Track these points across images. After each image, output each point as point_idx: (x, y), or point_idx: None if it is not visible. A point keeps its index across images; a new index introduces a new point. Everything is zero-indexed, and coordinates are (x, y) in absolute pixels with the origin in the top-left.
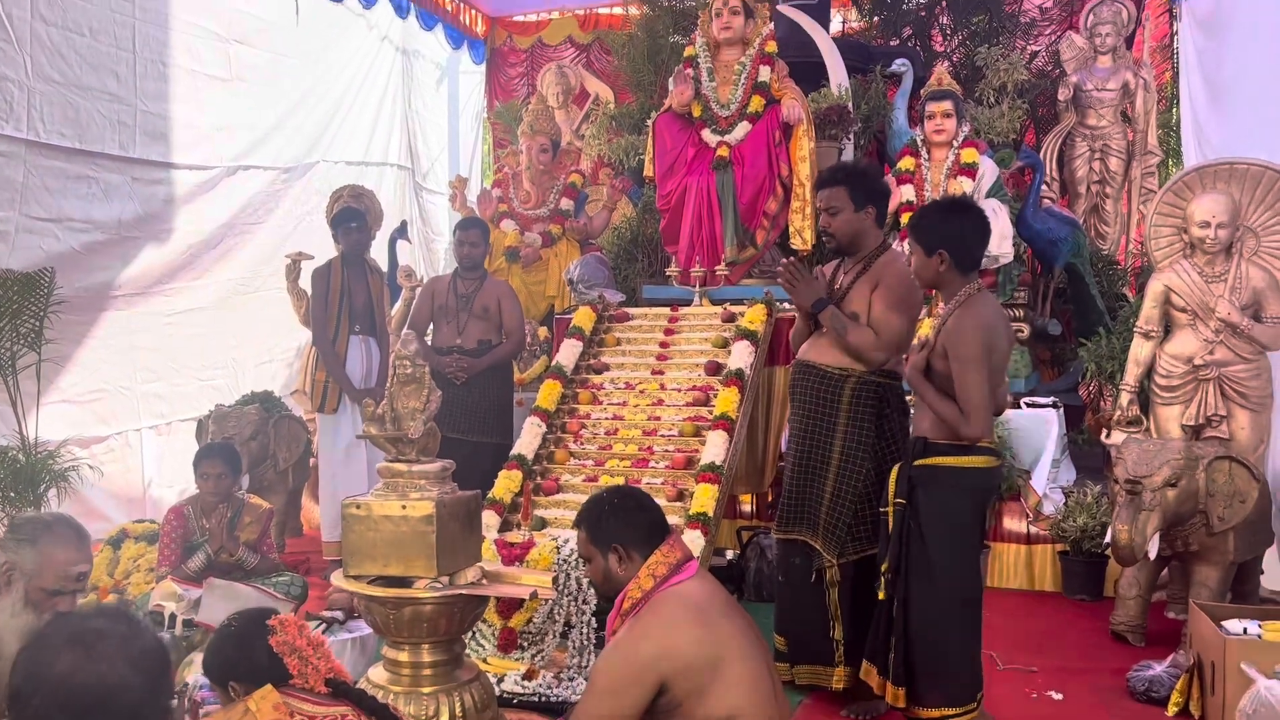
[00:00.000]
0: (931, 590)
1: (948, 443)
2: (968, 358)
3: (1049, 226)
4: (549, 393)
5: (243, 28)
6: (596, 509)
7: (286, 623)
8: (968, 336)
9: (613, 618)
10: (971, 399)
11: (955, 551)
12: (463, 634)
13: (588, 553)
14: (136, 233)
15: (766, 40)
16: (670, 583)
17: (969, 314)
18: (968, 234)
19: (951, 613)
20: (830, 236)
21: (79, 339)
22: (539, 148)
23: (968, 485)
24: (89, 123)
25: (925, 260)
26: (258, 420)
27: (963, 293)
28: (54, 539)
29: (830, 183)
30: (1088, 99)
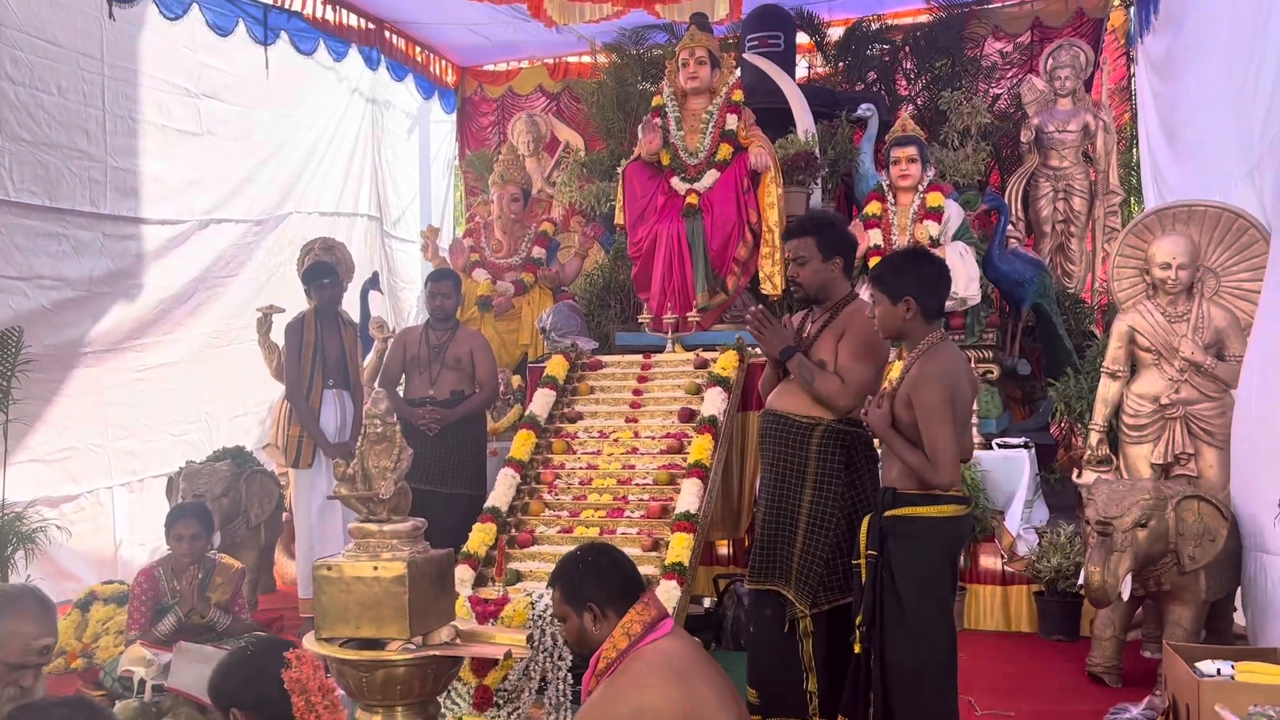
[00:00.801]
0: (907, 642)
1: (917, 493)
2: (932, 406)
3: (1015, 268)
4: (523, 443)
5: (213, 82)
6: (570, 568)
7: (304, 659)
8: (932, 385)
9: (588, 677)
10: (939, 447)
11: (929, 602)
12: (437, 695)
13: (562, 612)
14: (107, 289)
15: (733, 89)
16: (645, 641)
17: (932, 362)
18: (932, 282)
19: (928, 663)
20: (798, 286)
21: (48, 397)
22: (510, 197)
23: (938, 535)
24: (59, 180)
25: (891, 309)
26: (229, 476)
27: (925, 341)
28: (17, 612)
29: (798, 233)
30: (1050, 140)
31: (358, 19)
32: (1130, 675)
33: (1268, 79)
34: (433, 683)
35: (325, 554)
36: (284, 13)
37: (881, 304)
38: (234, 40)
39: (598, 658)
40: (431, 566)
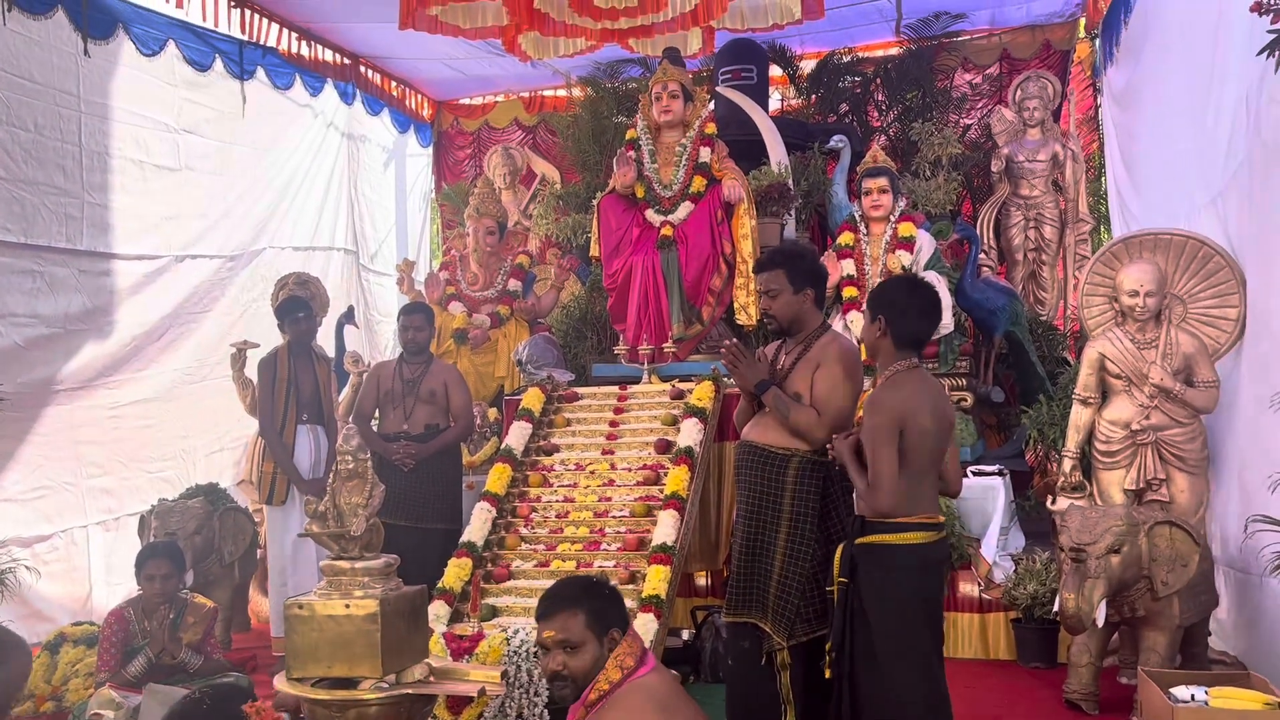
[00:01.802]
0: (875, 669)
1: (884, 520)
2: (874, 429)
3: (987, 296)
4: (499, 476)
5: (193, 117)
6: (600, 589)
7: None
8: (877, 410)
9: (577, 708)
10: (877, 471)
11: (899, 629)
12: None
13: (582, 638)
14: (81, 325)
15: (706, 122)
16: (636, 675)
17: (887, 390)
18: (905, 309)
19: (899, 692)
20: (771, 318)
21: (21, 436)
22: (485, 230)
23: (905, 563)
24: (35, 216)
25: (868, 325)
26: (202, 514)
27: (891, 369)
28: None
29: (769, 265)
30: (1020, 170)
31: (333, 54)
32: (1107, 702)
33: (1228, 108)
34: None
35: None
36: (259, 48)
37: (865, 318)
38: (212, 75)
39: (590, 689)
40: (404, 604)
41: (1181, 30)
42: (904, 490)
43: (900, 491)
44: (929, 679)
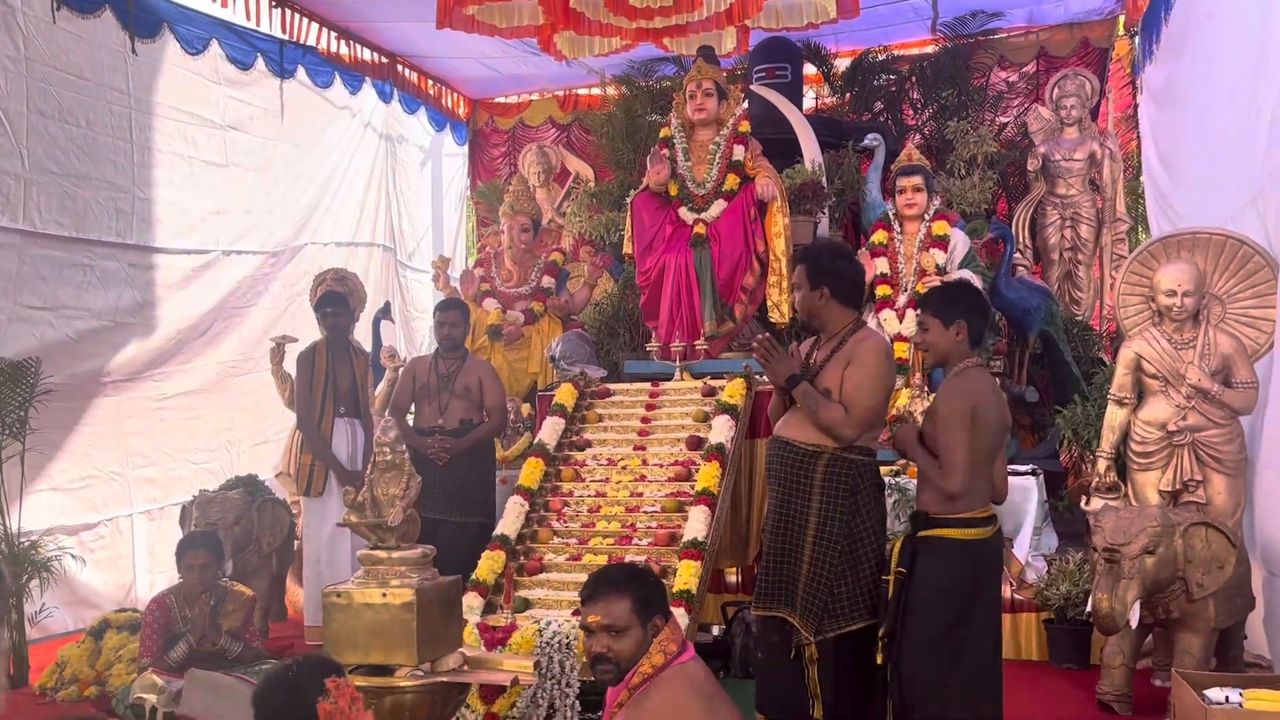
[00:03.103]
0: (922, 660)
1: (947, 516)
2: (949, 415)
3: (1022, 295)
4: (531, 471)
5: (236, 115)
6: (647, 576)
7: (343, 690)
8: (954, 398)
9: (619, 691)
10: (952, 454)
11: (952, 621)
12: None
13: (628, 623)
14: (130, 318)
15: (740, 120)
16: (677, 661)
17: (961, 380)
18: (982, 310)
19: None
20: (796, 313)
21: (70, 426)
22: (520, 227)
23: (966, 556)
24: (86, 211)
25: (944, 331)
26: (241, 505)
27: (962, 365)
28: None
29: (798, 259)
30: (1056, 169)
31: (371, 53)
32: (1140, 703)
33: (1268, 108)
34: (441, 709)
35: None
36: (299, 48)
37: (933, 328)
38: (254, 74)
39: (633, 673)
40: (440, 593)
41: (1224, 28)
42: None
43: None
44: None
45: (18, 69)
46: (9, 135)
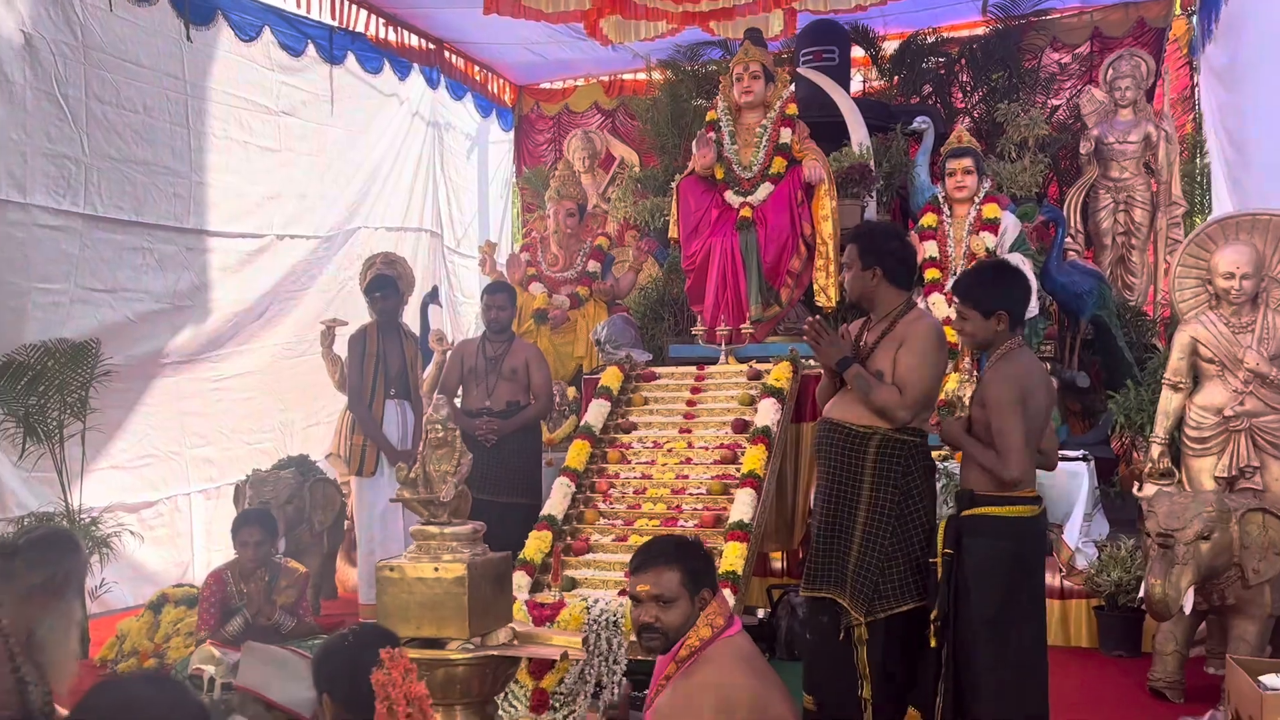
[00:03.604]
0: (977, 640)
1: (992, 494)
2: (1002, 402)
3: (1073, 279)
4: (578, 452)
5: (289, 100)
6: (696, 550)
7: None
8: (1002, 384)
9: (666, 661)
10: (1008, 442)
11: (1001, 601)
12: (495, 695)
13: (677, 594)
14: (188, 301)
15: (787, 103)
16: (725, 634)
17: (1006, 364)
18: (1024, 293)
19: (1000, 663)
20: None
21: (130, 406)
22: (566, 212)
23: (1011, 534)
24: (144, 195)
25: (984, 323)
26: (294, 484)
27: (1005, 347)
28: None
29: (848, 239)
30: (1110, 152)
31: (418, 39)
32: (1192, 691)
33: None
34: (491, 682)
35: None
36: (349, 34)
37: (973, 319)
38: (305, 60)
39: (680, 645)
40: (490, 569)
41: None
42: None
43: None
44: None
45: (77, 57)
46: (69, 121)
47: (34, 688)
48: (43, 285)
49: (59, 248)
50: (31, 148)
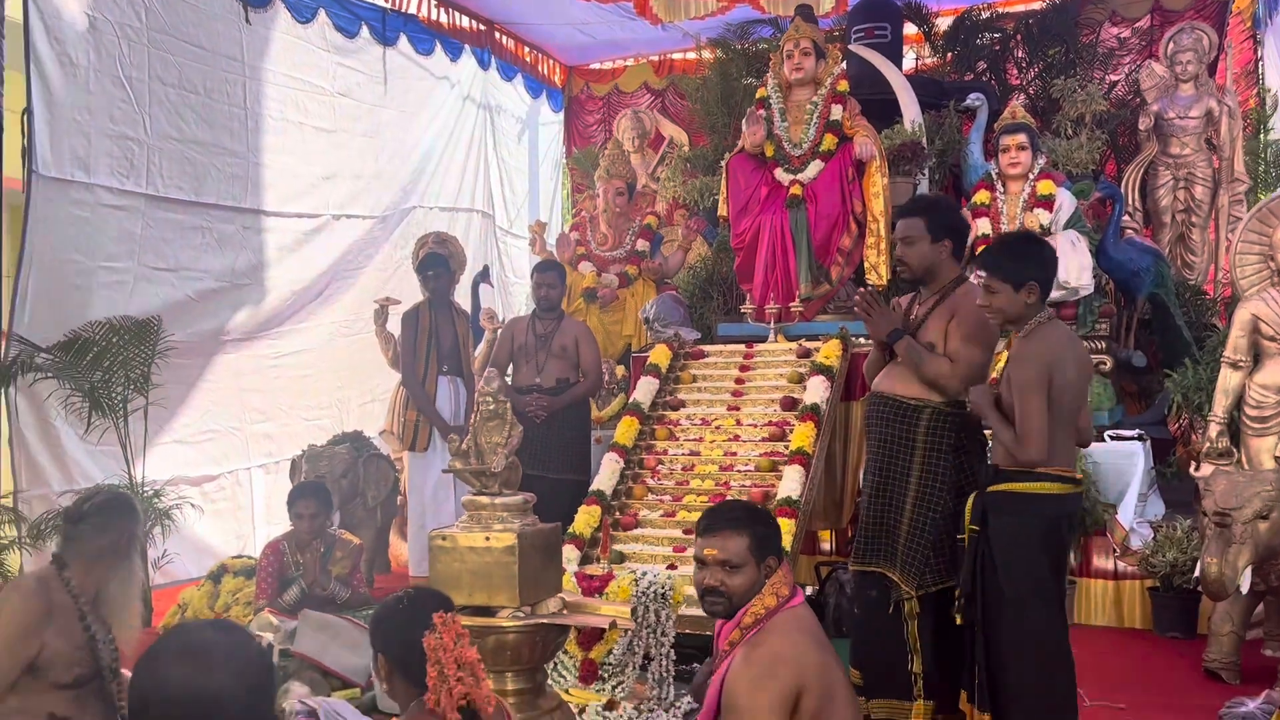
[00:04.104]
0: (1004, 617)
1: (1018, 469)
2: (1024, 382)
3: (1130, 257)
4: (627, 429)
5: (344, 82)
6: (765, 517)
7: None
8: (1026, 362)
9: (729, 628)
10: (1028, 424)
11: (1028, 578)
12: (545, 663)
13: (743, 560)
14: (246, 279)
15: (838, 79)
16: (790, 604)
17: (1033, 341)
18: (1051, 264)
19: (1028, 639)
20: (905, 266)
21: (191, 382)
22: (615, 191)
23: (1037, 511)
24: (204, 176)
25: (1014, 296)
26: (348, 459)
27: (1033, 322)
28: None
29: (908, 213)
30: (1170, 127)
31: (469, 20)
32: (1248, 672)
33: None
34: (541, 650)
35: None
36: (401, 15)
37: (1003, 292)
38: (359, 42)
39: (743, 613)
40: (540, 539)
41: None
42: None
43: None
44: (1054, 627)
45: (140, 39)
46: (133, 103)
47: (104, 645)
48: (107, 264)
49: (122, 227)
50: (96, 129)
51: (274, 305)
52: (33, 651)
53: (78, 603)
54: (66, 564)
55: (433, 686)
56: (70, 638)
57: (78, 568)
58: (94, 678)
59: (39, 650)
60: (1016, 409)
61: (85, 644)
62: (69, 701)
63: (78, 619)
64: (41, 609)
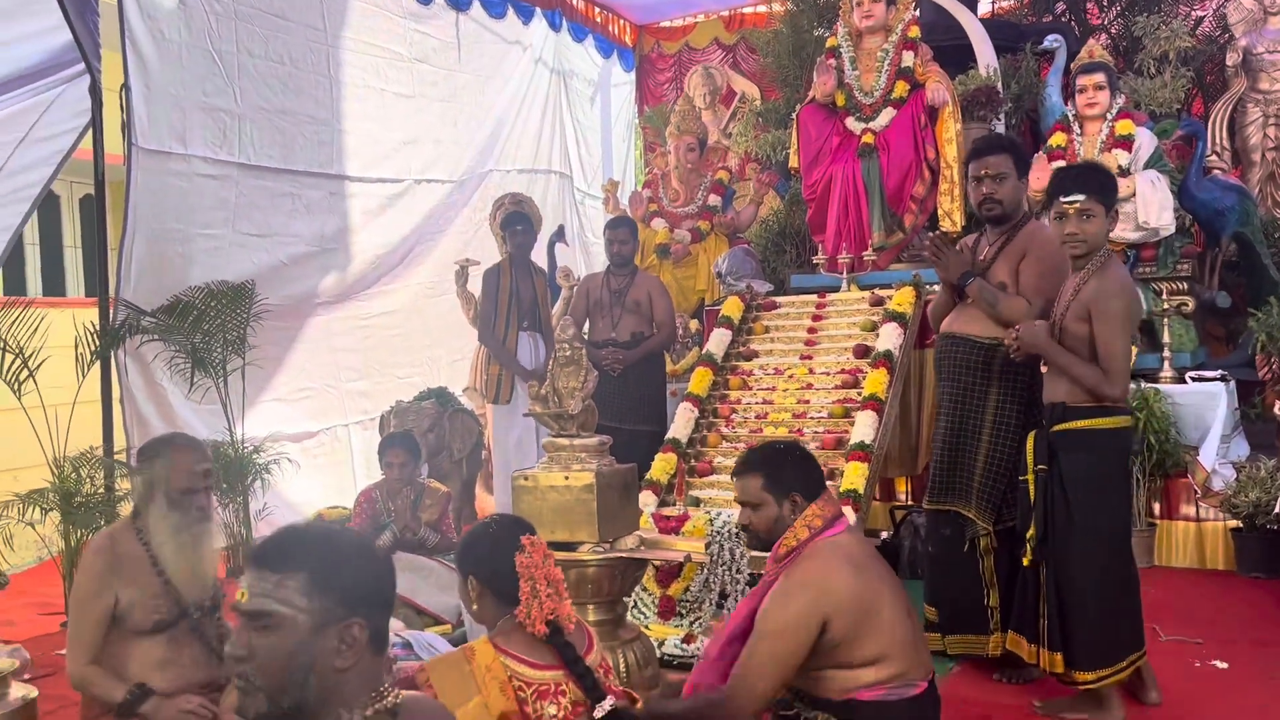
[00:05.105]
0: (1082, 554)
1: (1087, 405)
2: (1113, 315)
3: (1214, 196)
4: (700, 379)
5: (421, 48)
6: (779, 458)
7: (537, 547)
8: (1114, 297)
9: (770, 564)
10: (1115, 358)
11: (1103, 513)
12: (624, 596)
13: (759, 499)
14: (334, 244)
15: (909, 26)
16: (825, 535)
17: (1112, 275)
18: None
19: (1104, 575)
20: (997, 204)
21: (288, 343)
22: (686, 147)
23: (1110, 446)
24: (292, 144)
25: (1104, 222)
26: (434, 414)
27: (1104, 254)
28: (175, 449)
29: (997, 149)
30: (1258, 63)
31: None
32: None
33: None
34: (620, 583)
35: None
36: None
37: (1099, 216)
38: (434, 8)
39: (779, 546)
40: (617, 478)
41: None
42: None
43: (1129, 376)
44: (1127, 561)
45: (228, 13)
46: (223, 75)
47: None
48: (205, 231)
49: (217, 195)
50: (190, 102)
51: (361, 268)
52: (108, 604)
53: (149, 550)
54: (139, 513)
55: (525, 601)
56: (144, 586)
57: (151, 514)
58: (177, 621)
59: (115, 602)
60: (1104, 342)
61: (161, 590)
62: (161, 645)
63: (150, 566)
64: (106, 563)
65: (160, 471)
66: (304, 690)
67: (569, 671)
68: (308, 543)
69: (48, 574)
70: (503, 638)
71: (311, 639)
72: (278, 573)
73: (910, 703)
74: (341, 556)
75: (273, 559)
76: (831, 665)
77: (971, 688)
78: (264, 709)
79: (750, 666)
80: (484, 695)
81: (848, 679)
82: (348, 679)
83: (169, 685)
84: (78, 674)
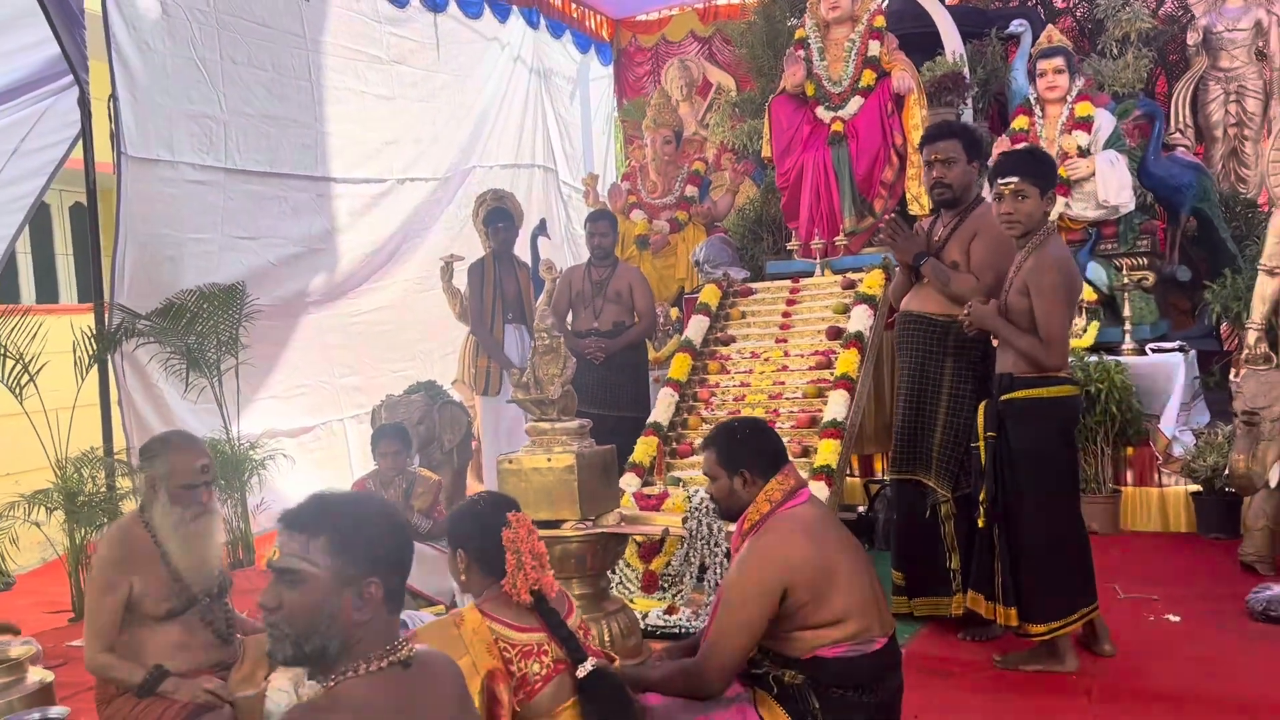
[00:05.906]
0: (1030, 515)
1: (1032, 375)
2: (1051, 287)
3: (1172, 173)
4: (680, 365)
5: (399, 49)
6: (727, 437)
7: (522, 523)
8: (1051, 270)
9: (735, 538)
10: (1053, 329)
11: (1049, 475)
12: (607, 570)
13: (714, 473)
14: (321, 244)
15: (875, 15)
16: (785, 507)
17: (1051, 250)
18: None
19: (1052, 532)
20: (946, 188)
21: (282, 341)
22: (663, 139)
23: (1054, 414)
24: (277, 148)
25: (1039, 202)
26: (424, 406)
27: (1044, 231)
28: (175, 447)
29: (946, 135)
30: (1218, 41)
31: None
32: None
33: None
34: (603, 558)
35: None
36: None
37: (1034, 197)
38: (410, 10)
39: (743, 520)
40: (597, 459)
41: None
42: None
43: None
44: (1074, 520)
45: (209, 21)
46: (208, 82)
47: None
48: (195, 235)
49: (206, 200)
50: (176, 110)
51: (349, 267)
52: (123, 593)
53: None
54: (145, 507)
55: (510, 573)
56: (154, 576)
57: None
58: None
59: (128, 591)
60: (1041, 314)
61: (170, 580)
62: (176, 630)
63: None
64: (118, 555)
65: (161, 469)
66: (326, 639)
67: (551, 634)
68: (333, 508)
69: (53, 575)
70: (489, 604)
71: (333, 594)
72: (305, 534)
73: (871, 657)
74: (362, 522)
75: (302, 522)
76: (796, 628)
77: (937, 646)
78: (290, 653)
79: (719, 634)
80: (472, 655)
81: (812, 639)
82: (365, 631)
83: (184, 667)
84: (96, 661)
